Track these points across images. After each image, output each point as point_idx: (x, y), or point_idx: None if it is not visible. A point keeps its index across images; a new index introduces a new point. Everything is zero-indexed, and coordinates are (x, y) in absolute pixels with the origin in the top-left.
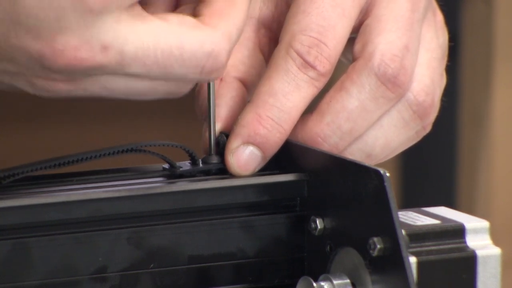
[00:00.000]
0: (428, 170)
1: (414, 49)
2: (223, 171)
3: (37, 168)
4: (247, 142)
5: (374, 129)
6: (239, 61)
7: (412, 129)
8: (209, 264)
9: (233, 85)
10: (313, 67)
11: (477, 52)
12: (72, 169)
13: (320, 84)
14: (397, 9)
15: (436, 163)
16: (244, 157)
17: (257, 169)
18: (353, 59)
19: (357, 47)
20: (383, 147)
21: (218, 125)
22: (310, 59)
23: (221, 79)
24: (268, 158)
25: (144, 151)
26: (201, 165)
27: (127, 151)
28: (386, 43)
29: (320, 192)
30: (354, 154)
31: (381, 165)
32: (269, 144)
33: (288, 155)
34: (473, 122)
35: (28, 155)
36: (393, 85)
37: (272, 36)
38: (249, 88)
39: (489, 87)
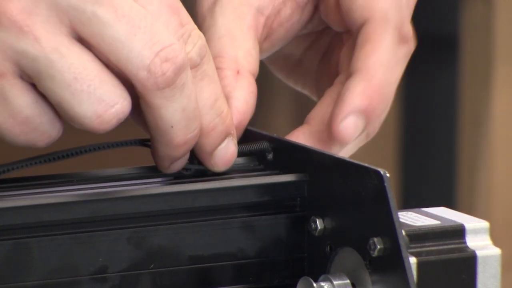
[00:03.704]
0: (428, 170)
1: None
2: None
3: (36, 162)
4: (359, 112)
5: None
6: (248, 52)
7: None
8: (209, 264)
9: (249, 79)
10: (407, 41)
11: (477, 52)
12: (72, 169)
13: (408, 60)
14: None
15: (436, 163)
16: (350, 127)
17: (356, 137)
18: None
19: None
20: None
21: (236, 120)
22: (405, 32)
23: (238, 72)
24: (367, 127)
25: (145, 145)
26: (197, 164)
27: (126, 144)
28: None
29: (320, 193)
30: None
31: (381, 165)
32: (373, 114)
33: (288, 155)
34: (473, 122)
35: (28, 155)
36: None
37: (267, 23)
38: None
39: (489, 87)
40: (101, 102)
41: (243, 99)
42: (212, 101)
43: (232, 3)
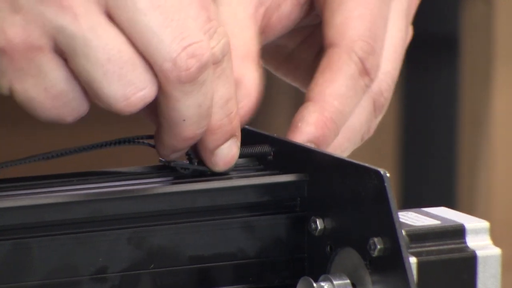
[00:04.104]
0: (428, 170)
1: (383, 34)
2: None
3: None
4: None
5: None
6: (253, 39)
7: (370, 122)
8: (209, 264)
9: (257, 62)
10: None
11: (477, 52)
12: (72, 169)
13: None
14: None
15: (436, 163)
16: None
17: None
18: (327, 44)
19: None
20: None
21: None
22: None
23: (245, 56)
24: None
25: (143, 142)
26: (197, 164)
27: (124, 142)
28: (360, 29)
29: (320, 193)
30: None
31: (381, 165)
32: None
33: (288, 155)
34: (473, 122)
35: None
36: (368, 75)
37: (266, 15)
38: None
39: (489, 87)
40: (131, 85)
41: (252, 79)
42: (225, 101)
43: None
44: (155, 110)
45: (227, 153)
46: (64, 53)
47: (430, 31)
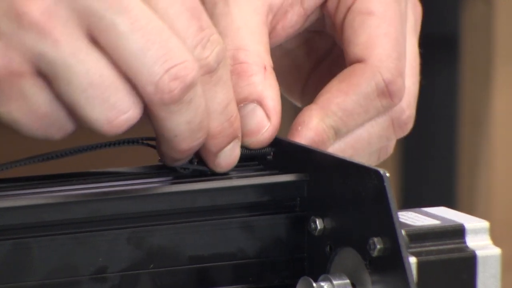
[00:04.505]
0: (428, 170)
1: (405, 52)
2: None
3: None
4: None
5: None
6: (267, 48)
7: (386, 139)
8: (209, 264)
9: (274, 76)
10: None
11: (477, 52)
12: (72, 169)
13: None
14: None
15: (436, 163)
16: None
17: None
18: (351, 60)
19: (356, 49)
20: (363, 146)
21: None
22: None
23: (265, 68)
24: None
25: (148, 144)
26: (196, 164)
27: (127, 143)
28: (387, 48)
29: (320, 193)
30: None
31: (381, 165)
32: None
33: (288, 155)
34: (473, 122)
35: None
36: (390, 97)
37: (274, 22)
38: None
39: (489, 87)
40: (113, 109)
41: (276, 97)
42: (224, 106)
43: None
44: None
45: (230, 155)
46: (47, 77)
47: (430, 31)
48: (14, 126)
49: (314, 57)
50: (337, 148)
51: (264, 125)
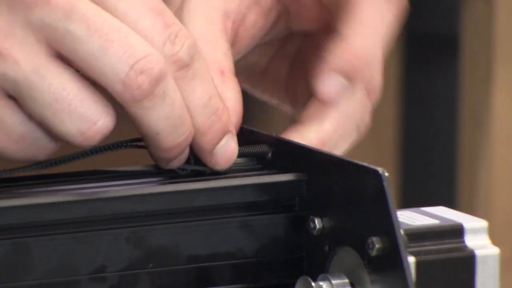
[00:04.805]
0: (428, 170)
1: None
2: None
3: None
4: (338, 72)
5: None
6: (226, 53)
7: (365, 108)
8: (208, 264)
9: (234, 79)
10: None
11: (477, 52)
12: (70, 168)
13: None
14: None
15: (436, 163)
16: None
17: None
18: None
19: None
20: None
21: (235, 119)
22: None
23: (222, 73)
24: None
25: (138, 146)
26: (193, 163)
27: (118, 146)
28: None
29: (319, 192)
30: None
31: (381, 165)
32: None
33: (287, 154)
34: (473, 122)
35: None
36: (374, 95)
37: (233, 28)
38: None
39: (489, 87)
40: (83, 120)
41: (234, 99)
42: (206, 100)
43: (199, 7)
44: None
45: (226, 150)
46: (15, 98)
47: (430, 31)
48: None
49: (287, 61)
50: (330, 131)
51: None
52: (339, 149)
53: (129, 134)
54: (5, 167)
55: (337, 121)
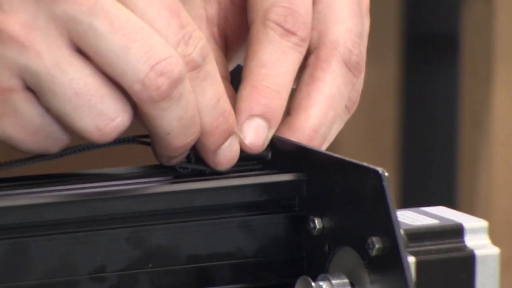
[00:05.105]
0: (428, 170)
1: (365, 34)
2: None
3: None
4: (251, 115)
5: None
6: (218, 62)
7: (351, 85)
8: (207, 263)
9: (226, 84)
10: (293, 33)
11: (477, 52)
12: (70, 168)
13: (303, 49)
14: None
15: (436, 163)
16: (251, 131)
17: (266, 143)
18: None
19: (314, 35)
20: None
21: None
22: (289, 26)
23: None
24: (274, 128)
25: (143, 142)
26: (195, 163)
27: (123, 142)
28: (345, 31)
29: (319, 192)
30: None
31: (381, 165)
32: (272, 112)
33: (287, 154)
34: (473, 122)
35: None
36: (357, 70)
37: (221, 33)
38: None
39: (489, 87)
40: (101, 116)
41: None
42: (215, 101)
43: None
44: None
45: (229, 151)
46: (34, 90)
47: (430, 31)
48: (9, 143)
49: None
50: (319, 115)
51: None
52: (333, 132)
53: (129, 132)
54: (6, 160)
55: (324, 105)
